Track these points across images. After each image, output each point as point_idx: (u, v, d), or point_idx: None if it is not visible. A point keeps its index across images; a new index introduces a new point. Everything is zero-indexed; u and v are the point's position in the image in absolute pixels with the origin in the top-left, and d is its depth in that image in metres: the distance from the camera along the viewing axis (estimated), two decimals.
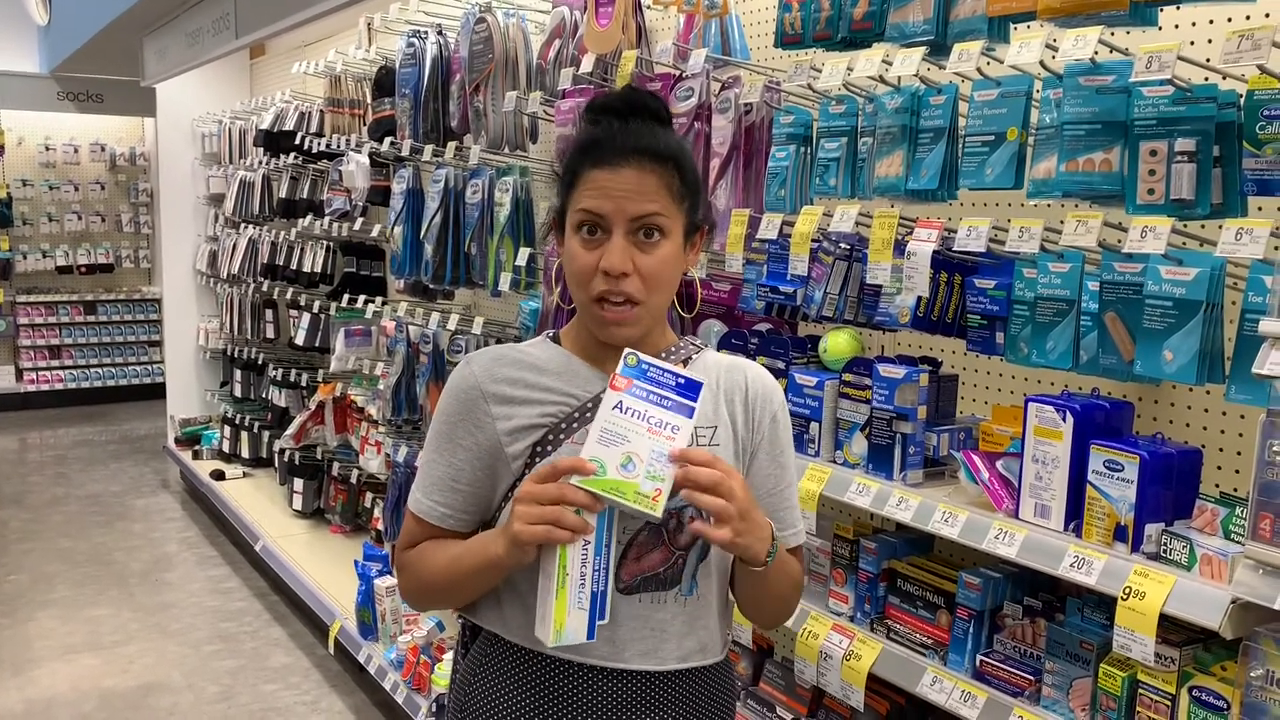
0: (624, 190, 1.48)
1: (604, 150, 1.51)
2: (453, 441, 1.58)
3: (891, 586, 2.33)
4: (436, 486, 1.60)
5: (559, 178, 1.59)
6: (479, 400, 1.56)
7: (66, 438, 9.44)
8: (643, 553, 1.53)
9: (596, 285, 1.49)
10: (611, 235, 1.48)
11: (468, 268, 3.95)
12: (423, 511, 1.61)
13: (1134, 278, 1.83)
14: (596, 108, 1.58)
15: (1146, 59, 1.75)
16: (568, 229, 1.54)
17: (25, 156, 10.57)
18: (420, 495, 1.61)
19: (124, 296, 10.88)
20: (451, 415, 1.59)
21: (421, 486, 1.62)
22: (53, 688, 4.47)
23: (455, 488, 1.58)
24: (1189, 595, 1.65)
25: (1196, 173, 1.76)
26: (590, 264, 1.49)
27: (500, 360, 1.60)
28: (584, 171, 1.51)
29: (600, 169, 1.50)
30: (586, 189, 1.50)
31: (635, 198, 1.48)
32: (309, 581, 5.01)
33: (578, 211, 1.51)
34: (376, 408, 4.97)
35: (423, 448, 1.65)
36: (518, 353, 1.61)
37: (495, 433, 1.55)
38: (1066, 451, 1.88)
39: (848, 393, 2.34)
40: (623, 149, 1.50)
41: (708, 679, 1.61)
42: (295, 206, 6.26)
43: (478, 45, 3.76)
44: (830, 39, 2.39)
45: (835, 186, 2.37)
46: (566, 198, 1.55)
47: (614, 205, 1.48)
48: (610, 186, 1.48)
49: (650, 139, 1.52)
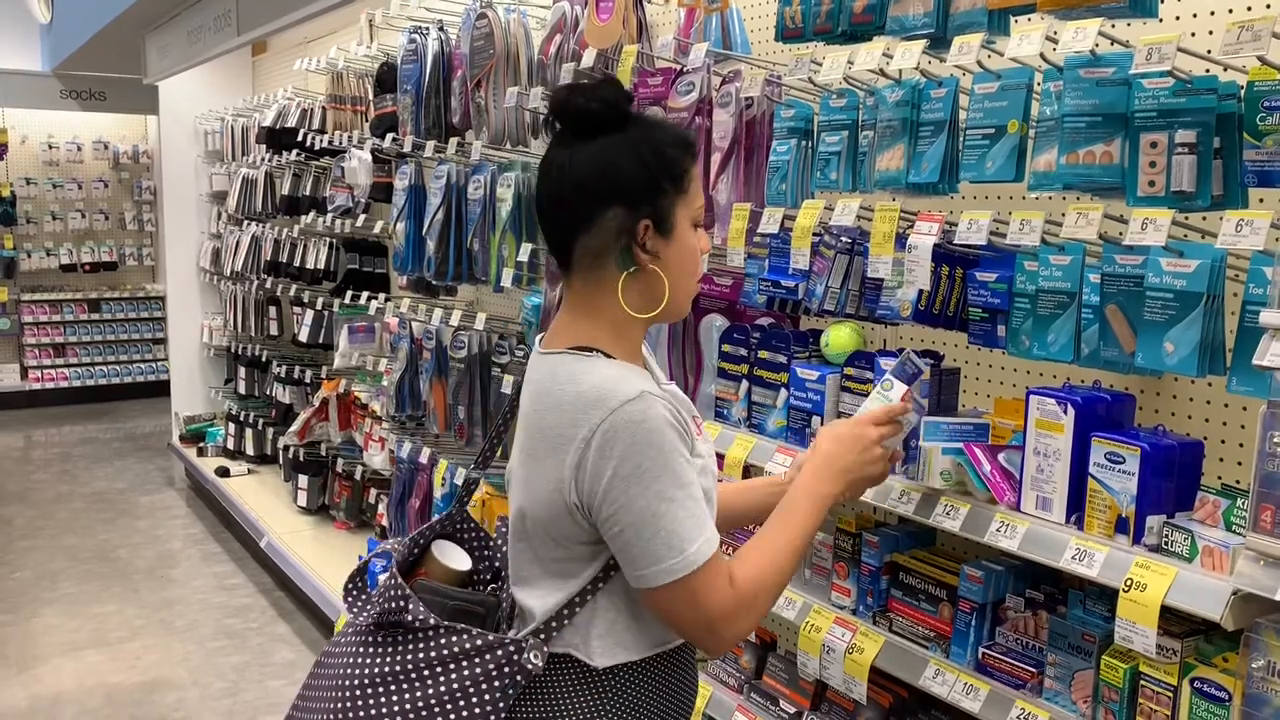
0: None
1: (695, 142, 1.66)
2: (689, 461, 1.53)
3: (894, 580, 2.33)
4: (704, 506, 1.54)
5: (653, 177, 1.57)
6: (676, 415, 1.53)
7: (71, 435, 9.46)
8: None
9: (703, 267, 1.68)
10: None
11: (470, 264, 3.95)
12: (718, 540, 1.55)
13: (1135, 270, 1.83)
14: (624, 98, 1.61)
15: (1146, 51, 1.75)
16: (684, 226, 1.62)
17: (29, 155, 10.59)
18: (708, 534, 1.51)
19: (128, 294, 10.90)
20: (675, 442, 1.50)
21: (700, 523, 1.51)
22: (58, 684, 4.48)
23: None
24: (1190, 587, 1.65)
25: (1197, 164, 1.76)
26: (699, 252, 1.66)
27: (644, 379, 1.55)
28: (690, 168, 1.61)
29: (696, 162, 1.64)
30: (697, 184, 1.63)
31: None
32: (314, 578, 5.02)
33: (699, 208, 1.64)
34: (380, 404, 4.98)
35: (651, 502, 1.47)
36: (637, 373, 1.57)
37: (690, 444, 1.56)
38: (1068, 444, 1.88)
39: (849, 386, 2.34)
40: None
41: None
42: (298, 203, 6.27)
43: (479, 41, 3.76)
44: (831, 32, 2.38)
45: (836, 180, 2.37)
46: (676, 196, 1.60)
47: None
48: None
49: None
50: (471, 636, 1.56)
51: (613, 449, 1.46)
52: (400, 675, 1.55)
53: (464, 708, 1.52)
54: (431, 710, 1.52)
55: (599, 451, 1.47)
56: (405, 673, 1.55)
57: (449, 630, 1.56)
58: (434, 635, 1.56)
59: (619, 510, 1.48)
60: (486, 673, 1.53)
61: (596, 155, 1.55)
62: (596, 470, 1.48)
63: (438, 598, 1.63)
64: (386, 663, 1.57)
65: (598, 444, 1.47)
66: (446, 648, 1.55)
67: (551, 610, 1.57)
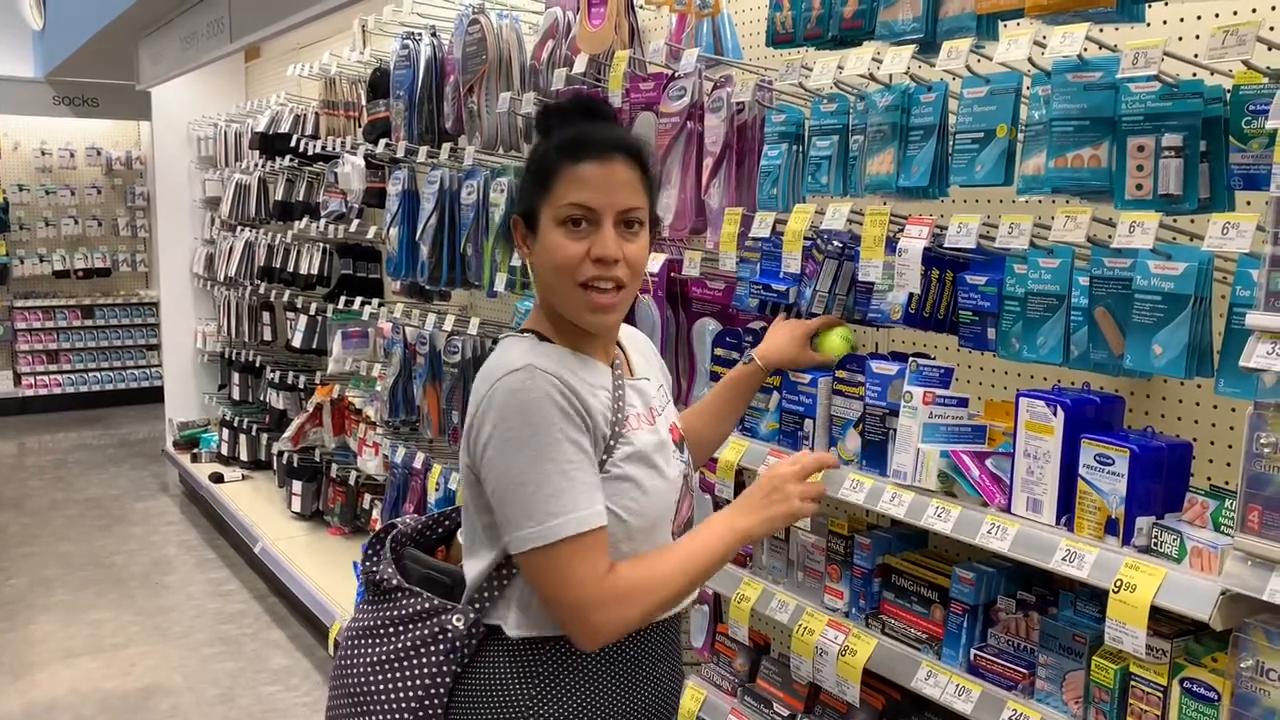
0: (614, 183, 1.58)
1: (589, 146, 1.58)
2: (572, 441, 1.53)
3: (886, 582, 2.34)
4: (586, 492, 1.53)
5: (527, 178, 1.64)
6: (570, 394, 1.55)
7: (65, 442, 9.44)
8: (685, 503, 1.77)
9: (585, 271, 1.57)
10: (601, 226, 1.57)
11: (463, 268, 3.96)
12: (594, 521, 1.53)
13: (1123, 273, 1.84)
14: (556, 111, 1.66)
15: (1133, 55, 1.76)
16: (546, 224, 1.60)
17: (21, 161, 10.57)
18: (578, 513, 1.51)
19: (121, 300, 10.88)
20: (554, 418, 1.52)
21: (569, 503, 1.51)
22: (53, 691, 4.48)
23: (598, 484, 1.56)
24: (1179, 587, 1.66)
25: (1184, 168, 1.77)
26: (578, 253, 1.57)
27: (553, 358, 1.59)
28: (565, 168, 1.58)
29: (588, 163, 1.57)
30: (572, 184, 1.57)
31: (623, 191, 1.58)
32: (308, 583, 5.02)
33: (566, 206, 1.57)
34: (374, 409, 4.98)
35: (516, 468, 1.52)
36: (548, 352, 1.61)
37: (595, 424, 1.58)
38: (1058, 446, 1.89)
39: (841, 389, 2.35)
40: (607, 144, 1.58)
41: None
42: (291, 209, 6.27)
43: (471, 47, 3.77)
44: (821, 38, 2.39)
45: (827, 184, 2.38)
46: (540, 195, 1.60)
47: (606, 198, 1.57)
48: (600, 180, 1.57)
49: (624, 136, 1.64)
50: (421, 600, 1.66)
51: (490, 415, 1.55)
52: (369, 630, 1.68)
53: (411, 665, 1.62)
54: (390, 664, 1.64)
55: (482, 418, 1.56)
56: (373, 628, 1.68)
57: (409, 593, 1.67)
58: (397, 596, 1.68)
59: (490, 474, 1.55)
60: (432, 634, 1.63)
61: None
62: (479, 436, 1.56)
63: (416, 565, 1.75)
64: (365, 617, 1.71)
65: (482, 411, 1.56)
66: (404, 608, 1.66)
67: (479, 579, 1.64)
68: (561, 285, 1.60)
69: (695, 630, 2.93)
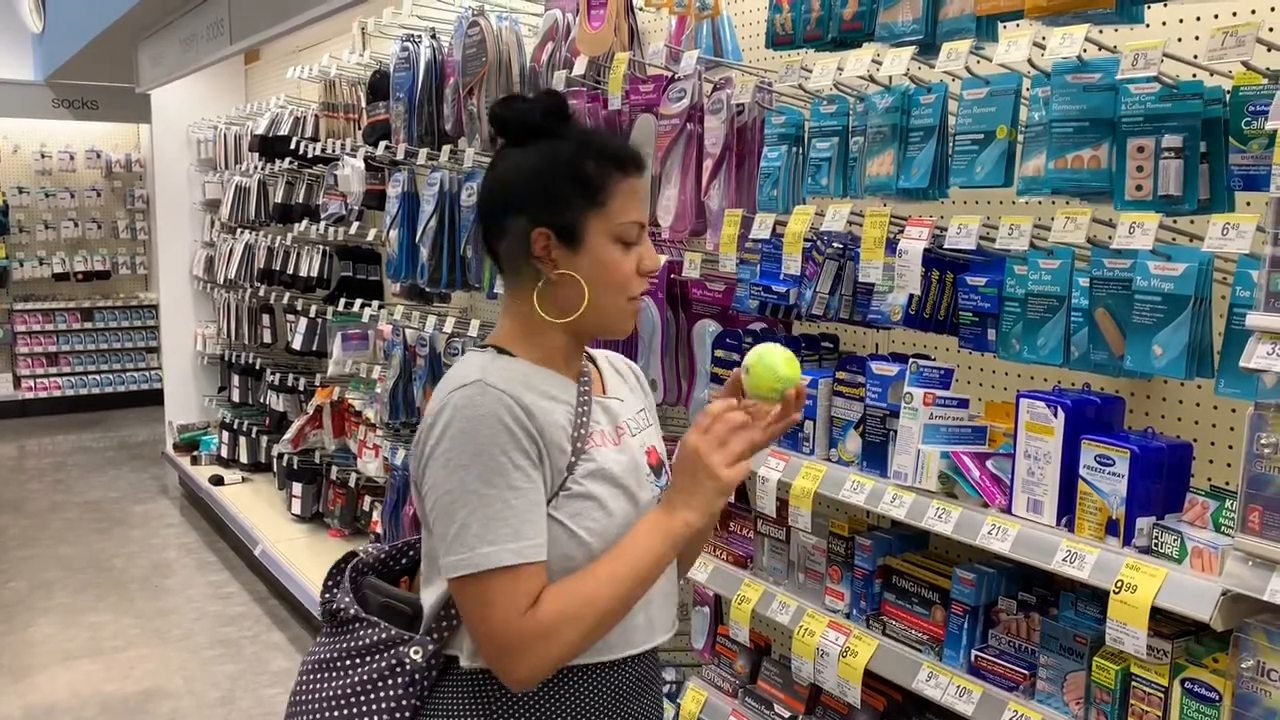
0: (645, 196, 1.61)
1: (633, 160, 1.57)
2: (518, 467, 1.44)
3: (887, 583, 2.34)
4: (527, 522, 1.44)
5: (564, 187, 1.52)
6: (521, 414, 1.46)
7: (65, 444, 9.44)
8: None
9: (636, 286, 1.58)
10: (642, 239, 1.58)
11: (463, 270, 3.96)
12: (534, 556, 1.44)
13: (1123, 273, 1.84)
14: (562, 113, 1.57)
15: (1133, 56, 1.76)
16: (598, 239, 1.53)
17: (21, 164, 10.58)
18: (515, 544, 1.42)
19: (121, 303, 10.89)
20: (501, 439, 1.44)
21: (507, 533, 1.42)
22: (53, 694, 4.47)
23: (541, 513, 1.47)
24: (1180, 588, 1.66)
25: (1183, 169, 1.77)
26: (632, 269, 1.56)
27: (507, 375, 1.50)
28: (619, 181, 1.54)
29: (637, 178, 1.57)
30: (629, 200, 1.55)
31: (648, 202, 1.64)
32: (308, 585, 5.01)
33: (627, 224, 1.54)
34: (374, 411, 4.98)
35: (457, 488, 1.44)
36: (506, 367, 1.53)
37: (545, 445, 1.48)
38: (1058, 447, 1.89)
39: (842, 390, 2.35)
40: (640, 159, 1.59)
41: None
42: (291, 211, 6.27)
43: (471, 49, 3.77)
44: (821, 39, 2.40)
45: (827, 186, 2.39)
46: (590, 209, 1.52)
47: (646, 212, 1.61)
48: (642, 194, 1.59)
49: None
50: (378, 630, 1.56)
51: (434, 430, 1.47)
52: (326, 663, 1.59)
53: (369, 700, 1.53)
54: (348, 699, 1.54)
55: (427, 433, 1.48)
56: (330, 660, 1.58)
57: (366, 624, 1.58)
58: (354, 627, 1.59)
59: (430, 492, 1.47)
60: (390, 667, 1.54)
61: (509, 165, 1.56)
62: (423, 451, 1.49)
63: (376, 594, 1.64)
64: (322, 649, 1.61)
65: (429, 424, 1.49)
66: (361, 639, 1.57)
67: (435, 607, 1.55)
68: (612, 301, 1.56)
69: (696, 632, 2.93)
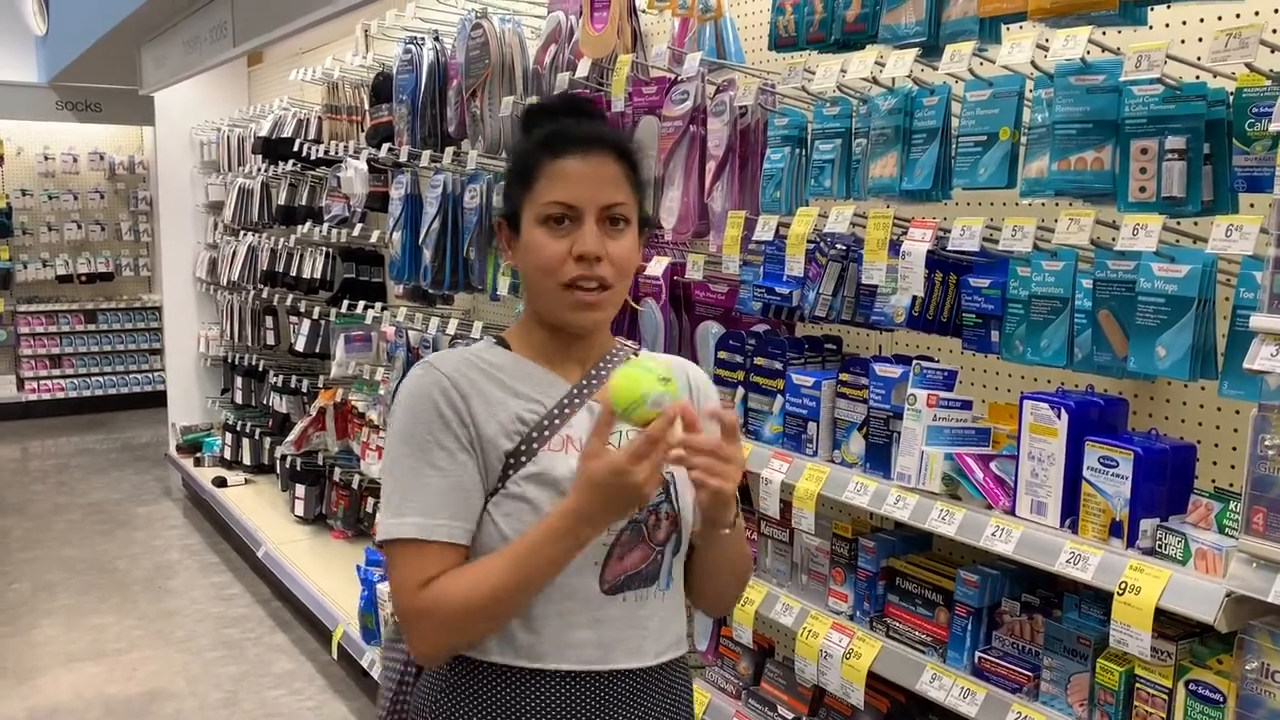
0: (596, 179, 1.51)
1: (571, 141, 1.52)
2: (443, 447, 1.47)
3: (890, 585, 2.34)
4: (440, 502, 1.46)
5: (510, 178, 1.58)
6: (458, 399, 1.49)
7: (68, 446, 9.44)
8: (625, 552, 1.53)
9: (568, 271, 1.49)
10: (583, 223, 1.50)
11: (466, 272, 3.96)
12: (436, 535, 1.44)
13: (1127, 275, 1.84)
14: (539, 110, 1.60)
15: (1136, 58, 1.77)
16: (527, 223, 1.53)
17: (24, 166, 10.58)
18: (420, 519, 1.45)
19: (124, 305, 10.89)
20: (430, 419, 1.47)
21: (416, 508, 1.45)
22: (56, 696, 4.48)
23: (464, 496, 1.47)
24: (1184, 590, 1.66)
25: (1187, 170, 1.77)
26: (560, 251, 1.50)
27: (464, 362, 1.53)
28: (546, 164, 1.52)
29: (569, 159, 1.51)
30: (554, 181, 1.51)
31: (606, 186, 1.51)
32: (311, 587, 5.01)
33: (547, 204, 1.51)
34: (377, 413, 4.98)
35: (389, 457, 1.49)
36: (474, 356, 1.56)
37: (478, 435, 1.49)
38: (1062, 448, 1.89)
39: (845, 392, 2.35)
40: (587, 139, 1.52)
41: (677, 672, 1.63)
42: (294, 213, 6.27)
43: (474, 51, 3.78)
44: (824, 41, 2.40)
45: (830, 188, 2.39)
46: (522, 195, 1.54)
47: (588, 194, 1.50)
48: (582, 175, 1.50)
49: (609, 131, 1.57)
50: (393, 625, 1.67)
51: (393, 403, 1.55)
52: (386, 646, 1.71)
53: (382, 694, 1.66)
54: (383, 694, 1.66)
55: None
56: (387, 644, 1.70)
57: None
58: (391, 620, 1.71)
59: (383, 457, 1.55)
60: (391, 660, 1.66)
61: None
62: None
63: None
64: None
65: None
66: (391, 631, 1.68)
67: None
68: (545, 286, 1.52)
69: (699, 633, 2.93)
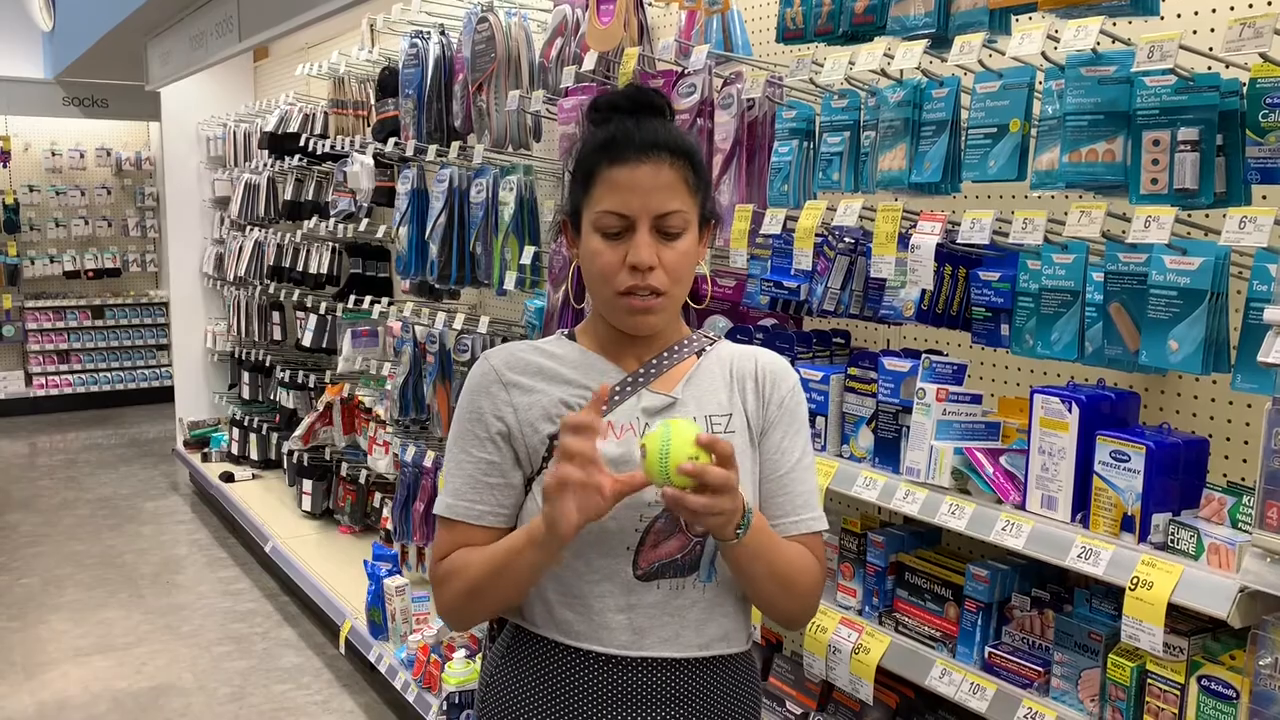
0: (647, 187, 1.50)
1: (622, 148, 1.51)
2: (477, 437, 1.58)
3: (899, 580, 2.33)
4: (469, 485, 1.58)
5: (571, 177, 1.59)
6: (499, 390, 1.58)
7: (76, 441, 9.47)
8: (659, 540, 1.53)
9: (623, 280, 1.51)
10: (636, 232, 1.51)
11: (473, 267, 3.95)
12: (457, 513, 1.58)
13: (1138, 268, 1.83)
14: (602, 106, 1.59)
15: (1148, 49, 1.75)
16: (586, 228, 1.55)
17: (32, 162, 10.60)
18: (450, 499, 1.59)
19: (131, 300, 10.91)
20: (472, 410, 1.60)
21: (450, 489, 1.60)
22: (64, 690, 4.49)
23: (488, 482, 1.57)
24: (1197, 585, 1.65)
25: (1199, 162, 1.76)
26: (615, 261, 1.51)
27: (517, 353, 1.62)
28: (601, 171, 1.52)
29: (620, 167, 1.50)
30: (607, 189, 1.51)
31: (657, 195, 1.50)
32: (319, 582, 5.02)
33: (601, 213, 1.51)
34: (384, 408, 4.98)
35: (448, 446, 1.65)
36: (533, 347, 1.64)
37: (518, 422, 1.57)
38: (1073, 442, 1.88)
39: (854, 386, 2.34)
40: (642, 145, 1.51)
41: (731, 670, 1.60)
42: (300, 208, 6.27)
43: (480, 45, 3.76)
44: (832, 33, 2.39)
45: (838, 181, 2.37)
46: (582, 197, 1.55)
47: (639, 203, 1.50)
48: (632, 184, 1.50)
49: (666, 134, 1.54)
50: None
51: None
52: None
53: (486, 635, 1.76)
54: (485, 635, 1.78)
55: None
56: None
57: None
58: None
59: None
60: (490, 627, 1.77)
61: None
62: None
63: None
64: None
65: None
66: None
67: None
68: (602, 293, 1.56)
69: None
